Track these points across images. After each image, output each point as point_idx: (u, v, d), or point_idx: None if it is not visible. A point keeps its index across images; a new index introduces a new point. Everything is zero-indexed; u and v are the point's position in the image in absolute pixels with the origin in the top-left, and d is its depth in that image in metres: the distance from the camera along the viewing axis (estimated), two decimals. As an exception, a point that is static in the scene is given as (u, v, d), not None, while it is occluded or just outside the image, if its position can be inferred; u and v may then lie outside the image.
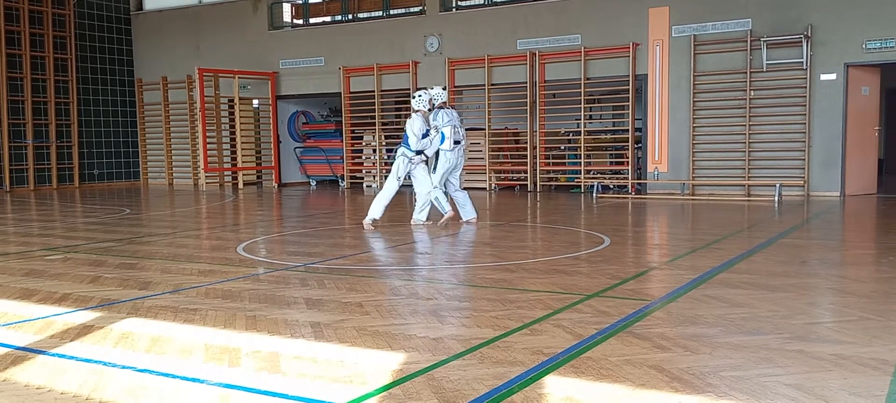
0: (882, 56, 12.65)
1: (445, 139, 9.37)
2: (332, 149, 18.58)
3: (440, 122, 9.39)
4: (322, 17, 18.68)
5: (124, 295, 5.40)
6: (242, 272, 6.34)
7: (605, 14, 14.84)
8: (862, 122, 13.24)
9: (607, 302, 4.98)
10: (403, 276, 6.11)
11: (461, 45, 16.27)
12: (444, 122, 9.40)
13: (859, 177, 13.33)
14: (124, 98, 20.47)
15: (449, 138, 9.38)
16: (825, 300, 5.15)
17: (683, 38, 14.03)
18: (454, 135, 9.44)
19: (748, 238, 8.32)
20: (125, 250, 7.76)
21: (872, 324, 4.29)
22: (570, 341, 4.02)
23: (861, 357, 3.68)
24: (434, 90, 9.61)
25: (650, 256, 7.26)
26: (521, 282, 5.69)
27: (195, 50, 19.51)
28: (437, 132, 9.32)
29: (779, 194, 12.66)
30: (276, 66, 18.55)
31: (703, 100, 13.98)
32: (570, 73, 15.14)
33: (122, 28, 20.38)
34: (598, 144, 15.74)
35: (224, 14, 19.21)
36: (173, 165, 20.32)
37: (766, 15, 13.35)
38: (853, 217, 10.48)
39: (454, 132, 9.45)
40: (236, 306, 4.99)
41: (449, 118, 9.47)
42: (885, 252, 7.26)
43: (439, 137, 9.34)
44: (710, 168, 13.98)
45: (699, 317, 4.53)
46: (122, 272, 6.39)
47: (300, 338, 4.18)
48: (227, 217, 11.78)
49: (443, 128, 9.37)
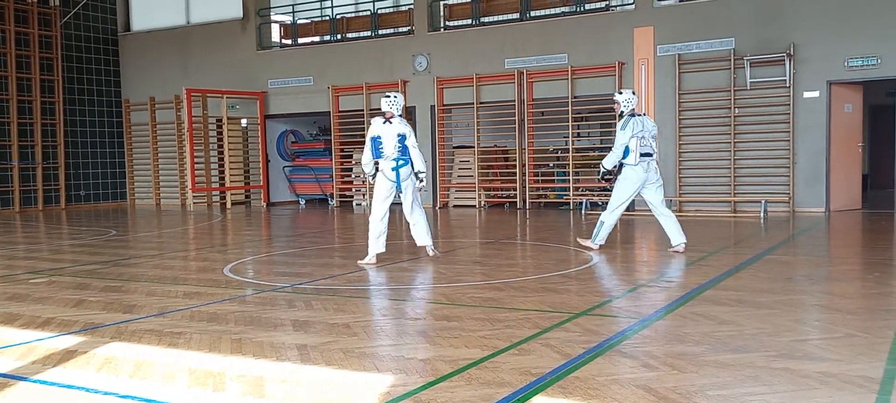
0: (864, 73, 12.78)
1: (630, 153, 8.18)
2: (322, 168, 18.56)
3: (627, 132, 8.14)
4: (311, 37, 18.73)
5: (108, 319, 5.35)
6: (229, 294, 6.31)
7: (591, 34, 14.95)
8: (845, 139, 13.36)
9: (595, 321, 4.98)
10: (392, 296, 6.09)
11: (450, 64, 16.34)
12: (629, 134, 8.12)
13: (844, 192, 13.43)
14: (111, 119, 20.40)
15: (634, 151, 8.16)
16: (811, 317, 5.17)
17: (668, 57, 14.14)
18: (640, 147, 8.17)
19: (734, 254, 8.35)
20: (110, 272, 7.70)
21: (858, 341, 4.31)
22: (558, 361, 4.01)
23: (847, 374, 3.69)
24: (623, 94, 8.42)
25: (638, 273, 7.28)
26: (510, 301, 5.68)
27: (183, 70, 19.49)
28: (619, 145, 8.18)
29: (764, 210, 12.73)
30: (264, 86, 18.56)
31: (689, 118, 14.08)
32: (558, 92, 15.22)
33: (109, 49, 20.34)
34: (586, 161, 15.80)
35: (212, 34, 19.22)
36: (160, 186, 20.23)
37: (749, 34, 13.48)
38: (838, 232, 10.54)
39: (640, 144, 8.18)
40: (222, 329, 4.95)
41: (635, 128, 8.14)
42: (870, 268, 7.31)
43: (621, 151, 8.20)
44: (697, 185, 14.05)
45: (686, 335, 4.53)
46: (106, 295, 6.34)
47: (286, 361, 4.15)
48: (214, 237, 11.73)
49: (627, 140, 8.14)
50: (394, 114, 7.95)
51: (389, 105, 7.95)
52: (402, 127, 7.95)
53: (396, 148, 7.89)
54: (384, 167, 7.94)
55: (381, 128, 7.93)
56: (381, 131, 7.92)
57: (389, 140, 7.88)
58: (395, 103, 7.96)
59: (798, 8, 13.17)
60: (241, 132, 19.38)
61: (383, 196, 7.97)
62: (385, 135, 7.90)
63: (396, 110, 7.96)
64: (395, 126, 7.91)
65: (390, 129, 7.90)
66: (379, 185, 8.01)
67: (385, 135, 7.90)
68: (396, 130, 7.90)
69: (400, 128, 7.92)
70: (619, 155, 8.27)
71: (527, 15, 15.84)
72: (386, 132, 7.90)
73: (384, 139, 7.89)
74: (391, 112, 7.94)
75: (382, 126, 7.93)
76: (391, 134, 7.89)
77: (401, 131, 7.91)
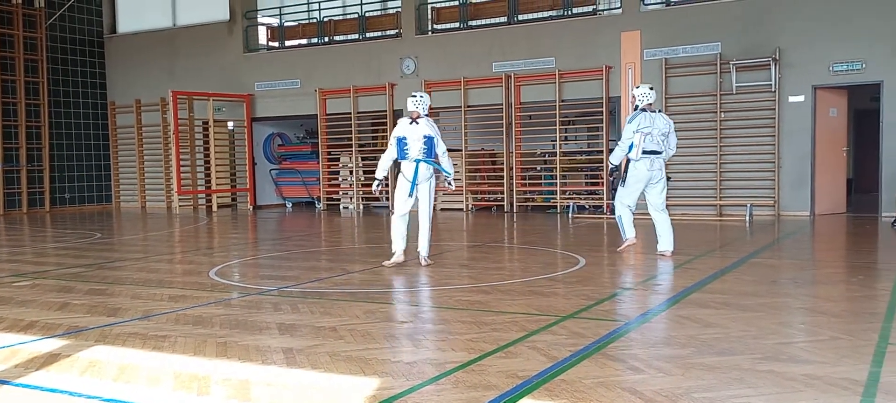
0: (849, 78, 12.89)
1: (634, 147, 8.06)
2: (309, 171, 18.51)
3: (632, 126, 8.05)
4: (298, 39, 18.68)
5: (92, 322, 5.31)
6: (214, 297, 6.27)
7: (578, 38, 15.00)
8: (830, 143, 13.47)
9: (582, 324, 4.98)
10: (379, 299, 6.07)
11: (437, 68, 16.34)
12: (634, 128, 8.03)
13: (828, 196, 13.53)
14: (97, 121, 20.26)
15: (638, 146, 8.03)
16: (796, 319, 5.20)
17: (655, 62, 14.21)
18: (644, 143, 8.04)
19: (720, 257, 8.39)
20: (95, 275, 7.64)
21: (843, 344, 4.34)
22: (544, 363, 4.01)
23: (831, 377, 3.71)
24: (639, 89, 8.26)
25: (625, 276, 7.30)
26: (497, 304, 5.68)
27: (169, 72, 19.39)
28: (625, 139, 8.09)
29: (750, 214, 12.80)
30: (251, 89, 18.49)
31: (675, 122, 13.95)
32: (546, 96, 15.25)
33: (95, 51, 20.21)
34: (573, 165, 15.85)
35: (199, 37, 19.14)
36: (146, 189, 20.11)
37: (734, 39, 13.57)
38: (823, 236, 10.62)
39: (644, 140, 8.04)
40: (207, 332, 4.92)
41: (641, 123, 8.03)
42: (854, 271, 7.36)
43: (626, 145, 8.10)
44: (683, 188, 14.11)
45: (672, 338, 4.55)
46: (90, 298, 6.29)
47: (272, 365, 4.13)
48: (200, 240, 11.67)
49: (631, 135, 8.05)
50: (420, 115, 7.71)
51: (415, 105, 7.73)
52: (429, 128, 7.71)
53: (422, 150, 7.66)
54: (405, 168, 7.73)
55: (407, 129, 7.69)
56: (406, 132, 7.68)
57: (415, 141, 7.65)
58: (421, 103, 7.73)
59: (783, 13, 13.27)
60: (227, 135, 19.30)
61: (403, 197, 7.79)
62: (411, 135, 7.66)
63: (422, 110, 7.73)
64: (421, 127, 7.67)
65: (417, 130, 7.66)
66: (400, 187, 7.80)
67: (411, 135, 7.66)
68: (423, 131, 7.66)
69: (427, 130, 7.68)
70: (625, 149, 8.18)
71: (514, 18, 15.87)
72: (412, 133, 7.67)
73: (410, 140, 7.66)
74: (417, 112, 7.71)
75: (409, 126, 7.70)
76: (418, 135, 7.66)
77: (428, 133, 7.68)
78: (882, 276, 6.90)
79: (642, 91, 8.22)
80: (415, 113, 7.73)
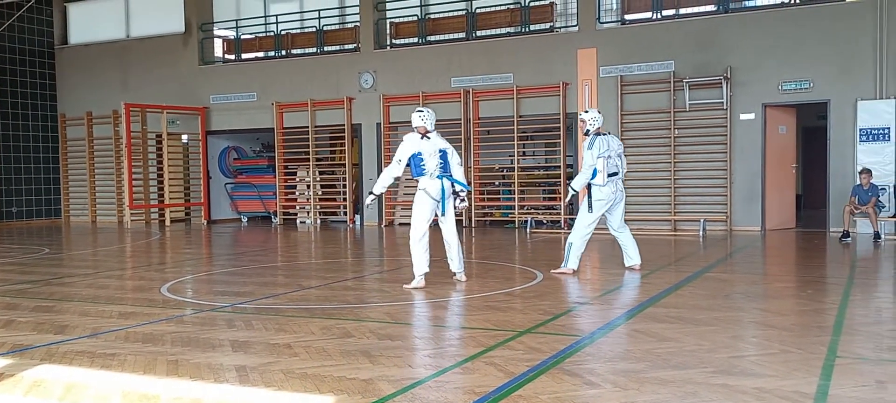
0: (797, 97, 13.25)
1: (598, 173, 8.05)
2: (265, 185, 18.30)
3: (594, 152, 8.05)
4: (255, 52, 18.50)
5: (38, 340, 5.14)
6: (166, 314, 6.13)
7: (535, 54, 15.15)
8: (780, 160, 13.80)
9: (539, 339, 4.99)
10: (335, 315, 6.00)
11: (396, 82, 16.33)
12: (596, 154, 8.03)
13: (779, 212, 13.84)
14: (46, 133, 19.76)
15: (602, 171, 8.05)
16: (748, 333, 5.28)
17: (611, 79, 14.42)
18: (607, 166, 8.08)
19: (675, 272, 8.51)
20: (42, 292, 7.42)
21: (793, 357, 4.42)
22: (502, 379, 4.01)
23: (782, 389, 3.77)
24: (589, 113, 8.29)
25: (582, 291, 7.34)
26: (455, 320, 5.67)
27: (122, 85, 19.02)
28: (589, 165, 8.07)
29: (703, 229, 13.02)
30: (206, 102, 18.24)
31: (631, 138, 14.34)
32: (504, 111, 15.35)
33: (45, 62, 19.74)
34: (531, 180, 15.95)
35: (153, 49, 18.83)
36: (97, 202, 19.66)
37: (688, 57, 13.84)
38: (774, 251, 10.85)
39: (607, 164, 8.08)
40: (157, 350, 4.80)
41: (601, 148, 8.08)
42: (804, 285, 7.52)
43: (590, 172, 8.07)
44: (639, 203, 14.30)
45: (628, 352, 4.58)
46: (37, 315, 6.10)
47: (224, 383, 4.04)
48: (152, 256, 11.43)
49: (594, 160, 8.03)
50: (427, 129, 7.47)
51: (422, 120, 7.46)
52: (441, 142, 7.54)
53: (439, 165, 7.43)
54: (427, 186, 7.42)
55: (421, 144, 7.39)
56: (421, 147, 7.38)
57: (431, 156, 7.40)
58: (427, 118, 7.48)
59: (733, 33, 13.59)
60: (181, 148, 18.99)
61: (427, 216, 7.45)
62: (426, 150, 7.39)
63: (430, 125, 7.48)
64: (434, 141, 7.46)
65: (430, 145, 7.42)
66: (422, 205, 7.45)
67: (426, 150, 7.39)
68: (437, 145, 7.47)
69: (440, 144, 7.51)
70: (588, 175, 8.13)
71: (472, 34, 15.96)
72: (426, 148, 7.39)
73: (426, 155, 7.38)
74: (424, 127, 7.46)
75: (421, 142, 7.40)
76: (433, 149, 7.42)
77: (442, 146, 7.50)
78: (830, 290, 7.07)
79: (592, 115, 8.25)
80: (422, 128, 7.47)
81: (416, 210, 7.50)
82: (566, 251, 8.29)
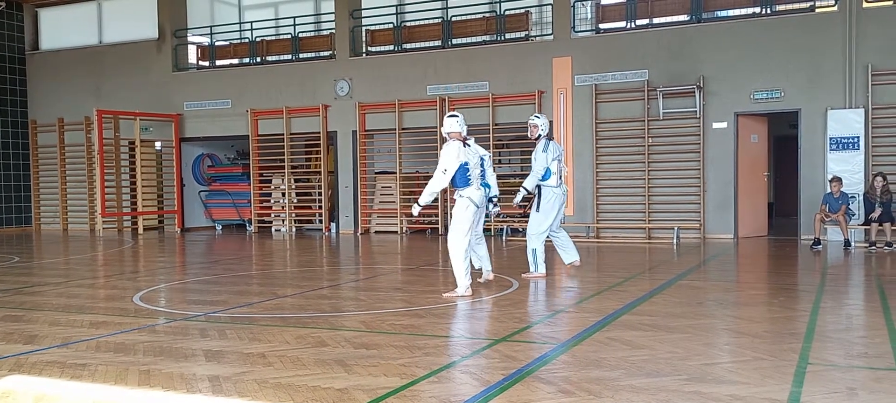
0: (768, 106, 13.44)
1: (551, 175, 8.34)
2: (239, 193, 18.17)
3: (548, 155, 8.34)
4: (229, 59, 18.38)
5: (7, 351, 5.05)
6: (138, 323, 6.06)
7: (511, 63, 15.21)
8: (752, 168, 13.97)
9: (515, 347, 5.00)
10: (310, 324, 5.97)
11: (372, 90, 16.31)
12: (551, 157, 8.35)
13: (751, 220, 14.01)
14: (17, 140, 19.46)
15: (556, 173, 8.37)
16: (721, 340, 5.34)
17: (585, 87, 14.52)
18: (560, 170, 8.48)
19: (649, 279, 8.57)
20: (11, 301, 7.29)
21: (765, 364, 4.47)
22: (477, 388, 4.01)
23: (755, 397, 3.81)
24: (541, 119, 8.54)
25: (557, 299, 7.37)
26: (431, 328, 5.66)
27: (95, 91, 18.80)
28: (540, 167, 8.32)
29: (677, 237, 13.14)
30: (180, 108, 18.08)
31: (606, 147, 14.45)
32: (480, 119, 15.38)
33: (15, 68, 19.45)
34: (506, 188, 15.94)
35: (126, 55, 18.64)
36: (69, 210, 19.38)
37: (661, 66, 13.99)
38: (746, 258, 10.97)
39: (559, 167, 8.46)
40: (129, 360, 4.74)
41: (554, 152, 8.42)
42: (776, 293, 7.62)
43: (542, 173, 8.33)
44: (613, 211, 14.40)
45: (602, 360, 4.60)
46: (5, 325, 5.99)
47: (197, 393, 4.00)
48: (124, 264, 11.28)
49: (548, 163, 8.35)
50: (465, 136, 7.35)
51: (460, 125, 7.29)
52: (479, 148, 7.50)
53: (480, 174, 7.41)
54: (473, 194, 7.29)
55: (466, 153, 7.23)
56: (467, 156, 7.23)
57: (476, 166, 7.32)
58: (463, 123, 7.36)
59: (706, 42, 13.76)
60: (154, 155, 18.80)
61: (471, 224, 7.32)
62: (472, 160, 7.27)
63: (464, 130, 7.37)
64: (474, 148, 7.39)
65: (472, 153, 7.31)
66: (467, 214, 7.27)
67: (472, 160, 7.27)
68: (479, 153, 7.45)
69: (480, 151, 7.49)
70: (539, 177, 8.46)
71: (448, 42, 16.00)
72: (472, 158, 7.28)
73: (471, 164, 7.26)
74: (462, 133, 7.30)
75: (465, 150, 7.23)
76: (476, 158, 7.34)
77: (482, 153, 7.50)
78: (802, 298, 7.16)
79: (544, 121, 8.58)
80: (459, 135, 7.30)
81: (459, 217, 7.32)
82: (531, 257, 8.57)
